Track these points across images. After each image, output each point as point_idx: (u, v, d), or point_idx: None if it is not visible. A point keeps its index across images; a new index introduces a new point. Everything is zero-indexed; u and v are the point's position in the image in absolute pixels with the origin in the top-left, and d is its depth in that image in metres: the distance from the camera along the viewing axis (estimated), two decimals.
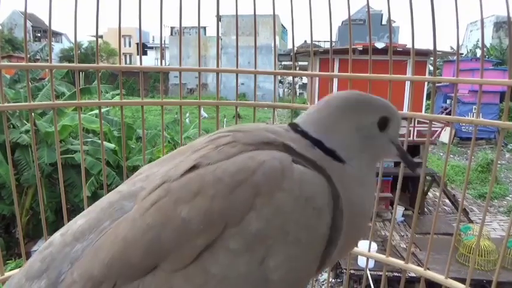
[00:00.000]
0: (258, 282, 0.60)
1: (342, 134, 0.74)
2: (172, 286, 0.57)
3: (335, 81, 2.06)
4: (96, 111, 8.64)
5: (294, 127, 0.77)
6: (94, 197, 9.17)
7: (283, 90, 34.80)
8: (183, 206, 0.60)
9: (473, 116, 1.43)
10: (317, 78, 9.03)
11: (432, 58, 1.50)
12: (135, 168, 9.88)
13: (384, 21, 24.92)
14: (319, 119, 0.76)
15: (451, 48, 19.43)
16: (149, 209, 0.61)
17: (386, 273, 1.64)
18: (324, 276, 9.72)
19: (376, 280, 6.68)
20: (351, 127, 0.75)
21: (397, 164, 10.51)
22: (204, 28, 32.70)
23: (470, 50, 27.49)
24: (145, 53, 38.47)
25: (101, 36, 34.45)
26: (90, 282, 0.58)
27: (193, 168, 0.65)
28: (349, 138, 0.75)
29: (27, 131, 8.91)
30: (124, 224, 0.62)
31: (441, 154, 18.20)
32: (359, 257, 5.69)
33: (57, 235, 0.69)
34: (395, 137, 0.83)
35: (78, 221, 0.68)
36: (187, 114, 20.02)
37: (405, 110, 1.68)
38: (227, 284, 0.58)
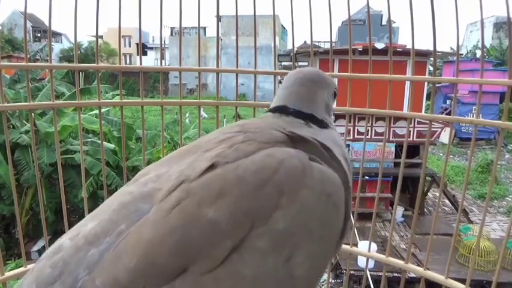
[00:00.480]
0: (285, 279, 0.60)
1: (321, 104, 0.87)
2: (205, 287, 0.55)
3: (335, 81, 2.05)
4: (96, 111, 8.65)
5: (285, 110, 0.83)
6: (93, 198, 9.17)
7: None
8: (208, 206, 0.59)
9: (473, 117, 1.43)
10: None
11: (432, 58, 1.50)
12: (134, 169, 9.88)
13: (384, 22, 24.93)
14: (302, 95, 0.85)
15: (451, 48, 19.43)
16: (172, 211, 0.59)
17: (386, 274, 1.64)
18: (324, 276, 9.71)
19: (376, 281, 6.67)
20: (325, 97, 0.89)
21: (396, 165, 10.52)
22: (204, 28, 32.70)
23: (470, 50, 27.50)
24: (145, 53, 38.46)
25: (101, 37, 34.46)
26: (114, 285, 0.55)
27: (211, 167, 0.64)
28: (325, 107, 0.88)
29: (27, 131, 8.91)
30: (146, 226, 0.59)
31: (441, 154, 18.20)
32: (359, 257, 5.68)
33: (65, 239, 0.65)
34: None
35: (89, 224, 0.64)
36: (187, 115, 20.01)
37: (405, 110, 1.68)
38: (256, 283, 0.58)
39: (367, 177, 9.73)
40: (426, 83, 8.08)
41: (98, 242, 0.60)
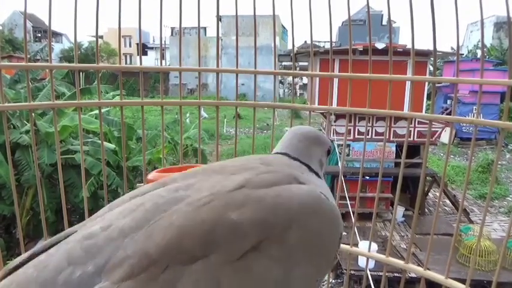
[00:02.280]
0: (283, 285, 0.70)
1: (316, 159, 0.99)
2: (220, 275, 0.64)
3: (335, 81, 2.05)
4: (96, 111, 8.65)
5: (288, 155, 0.96)
6: (94, 198, 9.17)
7: (284, 91, 34.80)
8: (232, 211, 0.68)
9: (473, 117, 1.43)
10: (317, 78, 9.02)
11: (432, 58, 1.50)
12: (134, 169, 9.89)
13: (384, 22, 24.94)
14: (301, 149, 0.98)
15: (452, 48, 19.42)
16: (202, 208, 0.69)
17: (387, 274, 1.63)
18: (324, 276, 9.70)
19: (377, 280, 6.67)
20: (319, 154, 1.01)
21: (397, 165, 10.52)
22: (204, 28, 32.70)
23: (471, 50, 27.49)
24: (145, 53, 38.46)
25: (101, 37, 34.49)
26: (145, 259, 0.62)
27: (240, 187, 0.75)
28: (319, 162, 1.00)
29: (27, 131, 8.91)
30: (178, 214, 0.69)
31: (441, 154, 18.19)
32: (359, 257, 5.68)
33: (95, 228, 0.70)
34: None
35: (123, 219, 0.70)
36: (188, 115, 20.01)
37: (405, 110, 1.67)
38: (261, 283, 0.68)
39: (367, 177, 9.72)
40: (427, 83, 8.08)
41: (133, 234, 0.67)
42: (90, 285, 0.61)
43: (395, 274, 6.61)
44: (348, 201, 8.57)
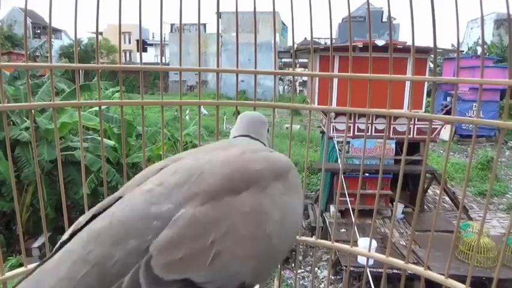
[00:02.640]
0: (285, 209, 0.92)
1: (265, 136, 1.24)
2: (256, 200, 0.85)
3: (335, 80, 2.05)
4: (96, 108, 8.64)
5: (248, 136, 1.18)
6: (94, 194, 9.18)
7: (283, 88, 34.78)
8: (252, 164, 0.92)
9: (473, 114, 1.43)
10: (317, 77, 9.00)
11: (433, 55, 1.50)
12: (134, 165, 9.89)
13: (384, 19, 24.87)
14: (255, 131, 1.21)
15: (452, 45, 19.39)
16: (231, 164, 0.90)
17: (386, 271, 1.64)
18: (324, 273, 9.74)
19: (376, 277, 6.69)
20: (266, 132, 1.26)
21: (397, 162, 10.53)
22: (204, 25, 32.65)
23: (471, 47, 27.46)
24: (145, 50, 38.40)
25: (101, 33, 34.40)
26: (209, 195, 0.80)
27: (244, 153, 0.96)
28: (267, 138, 1.27)
29: (27, 128, 8.91)
30: (216, 167, 0.88)
31: (441, 151, 18.21)
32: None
33: (149, 186, 0.83)
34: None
35: (171, 178, 0.84)
36: (187, 112, 20.00)
37: (405, 109, 1.67)
38: (276, 205, 0.89)
39: (367, 174, 9.73)
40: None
41: (188, 184, 0.82)
42: (175, 213, 0.76)
43: (395, 271, 6.63)
44: (348, 198, 8.59)
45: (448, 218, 10.59)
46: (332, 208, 11.05)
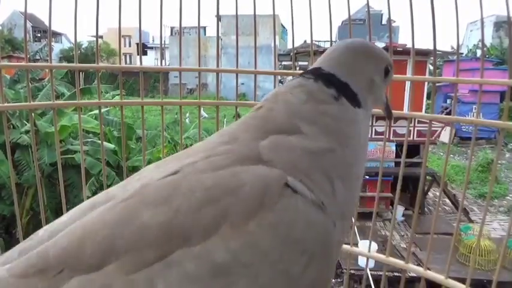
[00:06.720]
0: None
1: (362, 77, 0.75)
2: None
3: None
4: (95, 111, 8.65)
5: (317, 71, 0.74)
6: None
7: None
8: (147, 209, 0.57)
9: (473, 116, 1.43)
10: None
11: (432, 58, 1.50)
12: (134, 169, 9.87)
13: (384, 21, 24.90)
14: (339, 62, 0.75)
15: (452, 47, 19.41)
16: (118, 206, 0.60)
17: (387, 273, 1.63)
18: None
19: (377, 280, 6.67)
20: (371, 71, 0.77)
21: (397, 164, 10.51)
22: (204, 28, 32.68)
23: (471, 49, 27.46)
24: (145, 53, 38.46)
25: (101, 37, 34.47)
26: (42, 261, 0.57)
27: (174, 173, 0.62)
28: (367, 82, 0.76)
29: (27, 131, 8.91)
30: (93, 215, 0.61)
31: (441, 154, 18.19)
32: (359, 257, 5.68)
33: (42, 229, 0.69)
34: (387, 86, 0.86)
35: (63, 218, 0.68)
36: (187, 115, 19.99)
37: (405, 110, 1.68)
38: None
39: (367, 177, 9.72)
40: (426, 82, 8.08)
41: (56, 236, 0.62)
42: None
43: (395, 273, 6.61)
44: None
45: (449, 221, 10.56)
46: None
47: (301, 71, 0.80)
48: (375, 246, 1.93)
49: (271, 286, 0.55)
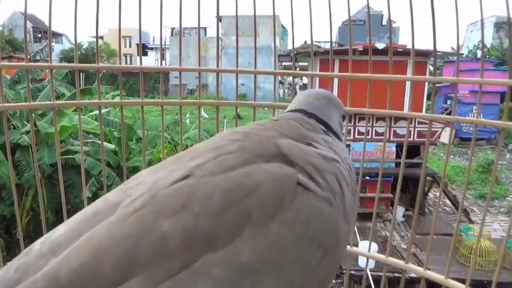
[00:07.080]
0: None
1: (335, 119, 0.90)
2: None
3: (335, 81, 2.05)
4: (96, 112, 8.65)
5: (305, 112, 0.85)
6: (94, 198, 9.12)
7: (284, 91, 34.80)
8: (165, 219, 0.55)
9: (473, 117, 1.43)
10: (317, 78, 9.01)
11: (432, 58, 1.50)
12: (135, 169, 9.88)
13: (384, 22, 24.94)
14: (319, 107, 0.87)
15: (452, 48, 19.42)
16: (130, 217, 0.57)
17: (387, 274, 1.64)
18: None
19: (377, 281, 6.68)
20: (337, 116, 0.91)
21: (397, 165, 10.51)
22: (204, 29, 32.71)
23: (471, 50, 27.48)
24: (145, 54, 38.48)
25: (101, 37, 34.50)
26: (54, 284, 0.53)
27: (185, 178, 0.61)
28: (338, 124, 0.91)
29: (27, 132, 8.91)
30: (101, 228, 0.57)
31: (441, 154, 18.19)
32: (359, 257, 5.69)
33: (38, 242, 0.64)
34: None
35: (60, 229, 0.63)
36: (188, 115, 20.02)
37: (405, 110, 1.68)
38: None
39: (367, 178, 9.72)
40: (427, 83, 8.08)
41: (60, 251, 0.58)
42: None
43: (396, 274, 6.61)
44: None
45: (449, 222, 10.57)
46: None
47: (288, 110, 0.91)
48: (375, 246, 1.93)
49: (293, 280, 0.58)
